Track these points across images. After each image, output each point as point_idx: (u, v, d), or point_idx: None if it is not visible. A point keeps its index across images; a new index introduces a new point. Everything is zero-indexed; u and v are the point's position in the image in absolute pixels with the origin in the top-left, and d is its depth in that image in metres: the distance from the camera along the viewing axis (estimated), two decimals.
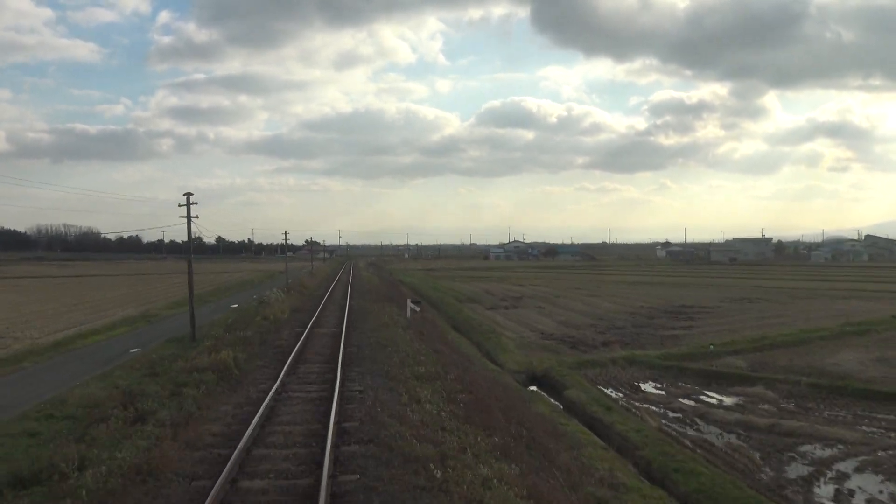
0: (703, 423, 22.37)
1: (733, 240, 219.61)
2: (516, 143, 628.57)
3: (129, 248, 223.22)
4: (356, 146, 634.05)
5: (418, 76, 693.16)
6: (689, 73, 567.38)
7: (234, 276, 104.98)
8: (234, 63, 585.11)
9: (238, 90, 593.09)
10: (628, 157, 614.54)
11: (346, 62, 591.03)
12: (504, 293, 73.23)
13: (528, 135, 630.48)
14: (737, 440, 20.56)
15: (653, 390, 27.93)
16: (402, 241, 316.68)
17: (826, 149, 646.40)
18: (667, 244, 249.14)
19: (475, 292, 74.18)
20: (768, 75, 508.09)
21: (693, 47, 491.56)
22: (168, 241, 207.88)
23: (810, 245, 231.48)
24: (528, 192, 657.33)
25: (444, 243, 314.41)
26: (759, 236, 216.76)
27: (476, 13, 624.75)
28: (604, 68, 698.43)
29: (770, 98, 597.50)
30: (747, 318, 49.30)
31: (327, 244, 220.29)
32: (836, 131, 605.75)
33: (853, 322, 44.54)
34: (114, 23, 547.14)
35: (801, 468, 18.13)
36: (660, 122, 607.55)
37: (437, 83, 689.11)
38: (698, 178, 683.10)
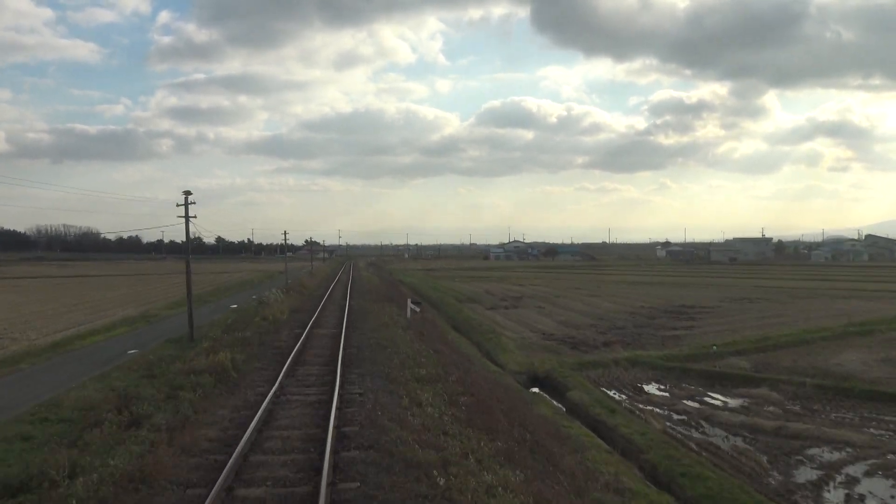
0: (708, 426, 22.02)
1: (733, 239, 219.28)
2: (516, 143, 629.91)
3: (129, 249, 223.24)
4: (356, 146, 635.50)
5: (418, 76, 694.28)
6: (688, 72, 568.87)
7: (233, 276, 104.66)
8: (234, 63, 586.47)
9: (238, 90, 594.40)
10: (628, 156, 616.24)
11: (345, 62, 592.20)
12: (504, 293, 72.92)
13: (528, 135, 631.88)
14: (743, 443, 20.20)
15: (656, 392, 27.59)
16: (401, 241, 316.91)
17: (826, 148, 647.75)
18: (667, 244, 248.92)
19: (475, 292, 73.87)
20: (768, 75, 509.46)
21: (693, 47, 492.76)
22: (168, 241, 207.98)
23: (810, 245, 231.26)
24: (528, 192, 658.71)
25: (444, 243, 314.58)
26: (758, 236, 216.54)
27: (476, 13, 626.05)
28: (604, 68, 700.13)
29: (770, 98, 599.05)
30: (748, 318, 48.98)
31: (327, 244, 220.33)
32: (836, 131, 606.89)
33: (856, 322, 44.19)
34: (114, 23, 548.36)
35: (810, 472, 17.77)
36: (659, 121, 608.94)
37: (437, 83, 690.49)
38: (698, 178, 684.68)
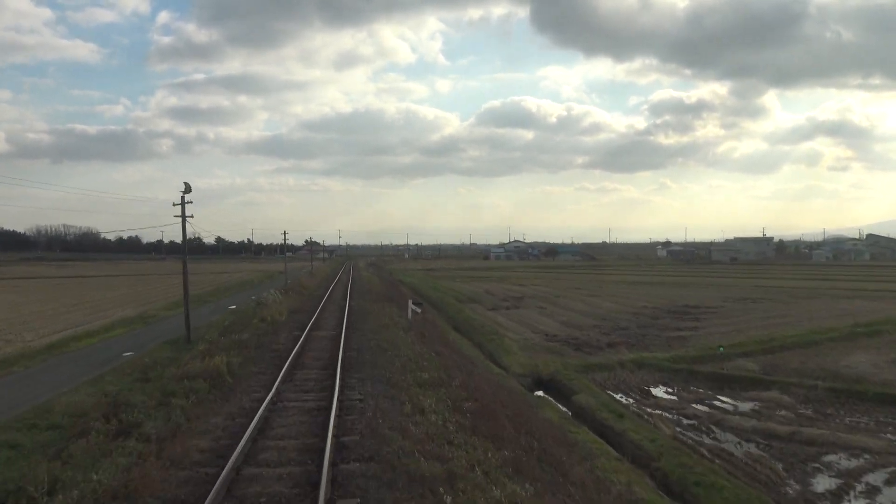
0: (719, 431, 21.33)
1: (734, 239, 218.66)
2: (516, 143, 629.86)
3: (129, 249, 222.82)
4: (356, 146, 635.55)
5: (418, 76, 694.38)
6: (688, 72, 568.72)
7: (233, 276, 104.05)
8: (234, 63, 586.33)
9: (238, 90, 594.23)
10: (628, 156, 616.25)
11: (345, 62, 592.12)
12: (505, 293, 72.30)
13: (528, 135, 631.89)
14: (756, 449, 19.49)
15: (664, 395, 26.90)
16: (402, 241, 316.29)
17: (826, 148, 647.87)
18: (667, 244, 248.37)
19: (476, 292, 73.25)
20: (768, 75, 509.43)
21: (693, 47, 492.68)
22: (168, 241, 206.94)
23: (811, 244, 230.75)
24: (528, 192, 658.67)
25: (444, 243, 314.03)
26: (759, 236, 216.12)
27: (476, 13, 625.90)
28: (603, 68, 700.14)
29: (770, 97, 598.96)
30: (752, 319, 48.37)
31: (327, 244, 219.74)
32: (836, 130, 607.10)
33: (862, 323, 43.66)
34: (113, 23, 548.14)
35: (829, 481, 17.09)
36: (659, 121, 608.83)
37: (437, 83, 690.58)
38: (698, 178, 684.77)
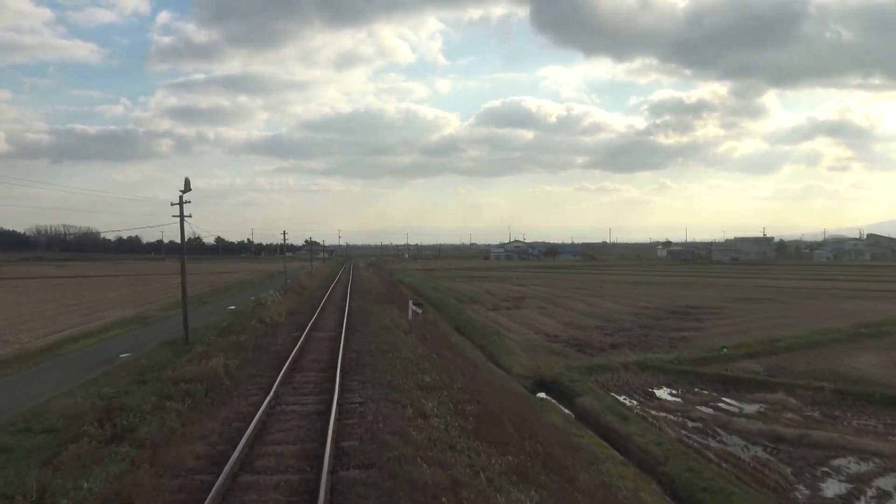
0: (725, 434, 20.96)
1: (734, 239, 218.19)
2: (516, 143, 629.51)
3: (129, 249, 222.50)
4: (356, 146, 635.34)
5: (418, 76, 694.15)
6: (688, 72, 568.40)
7: (233, 276, 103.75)
8: (234, 63, 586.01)
9: (238, 90, 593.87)
10: (628, 156, 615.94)
11: (345, 62, 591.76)
12: (506, 293, 71.97)
13: (528, 135, 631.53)
14: (764, 453, 19.13)
15: (668, 397, 26.51)
16: (402, 241, 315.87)
17: (826, 148, 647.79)
18: (667, 244, 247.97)
19: (476, 293, 72.90)
20: (768, 74, 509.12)
21: (693, 47, 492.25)
22: (167, 241, 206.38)
23: (811, 244, 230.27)
24: (528, 192, 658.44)
25: (444, 243, 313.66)
26: (759, 236, 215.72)
27: (476, 13, 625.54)
28: (603, 68, 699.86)
29: (770, 97, 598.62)
30: (755, 319, 48.03)
31: (327, 244, 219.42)
32: (836, 130, 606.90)
33: (865, 323, 43.34)
34: (113, 23, 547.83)
35: (838, 485, 16.72)
36: (659, 121, 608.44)
37: (437, 83, 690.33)
38: (698, 178, 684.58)
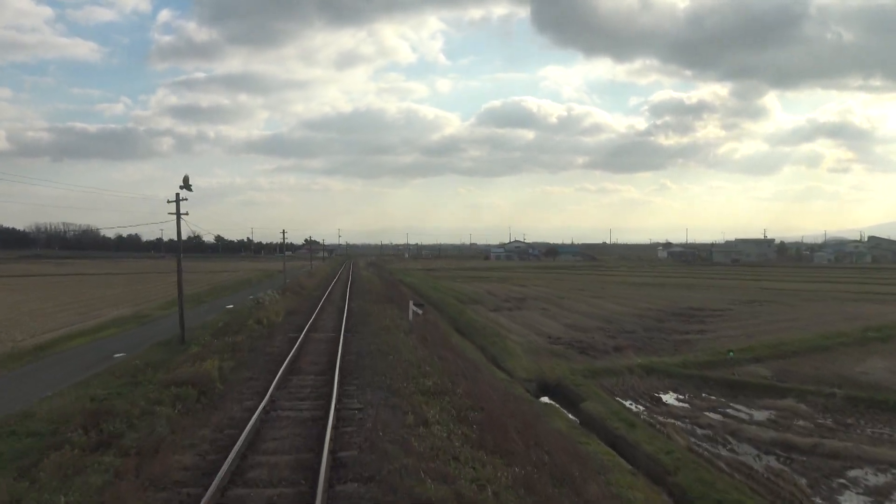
0: (736, 442, 20.29)
1: (735, 241, 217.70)
2: (516, 143, 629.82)
3: (128, 247, 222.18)
4: (356, 146, 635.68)
5: (419, 76, 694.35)
6: (689, 73, 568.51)
7: (232, 275, 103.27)
8: (235, 62, 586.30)
9: (238, 89, 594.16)
10: (628, 157, 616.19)
11: (346, 62, 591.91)
12: (507, 294, 71.28)
13: (529, 135, 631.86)
14: (777, 463, 18.45)
15: (675, 403, 25.82)
16: (402, 241, 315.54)
17: (826, 149, 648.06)
18: (668, 245, 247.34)
19: (477, 293, 72.19)
20: (769, 76, 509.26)
21: (693, 48, 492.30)
22: (167, 239, 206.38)
23: (812, 246, 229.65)
24: (529, 192, 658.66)
25: (444, 243, 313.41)
26: (759, 237, 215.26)
27: (477, 13, 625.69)
28: (604, 68, 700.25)
29: (770, 98, 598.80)
30: (759, 322, 47.32)
31: (327, 243, 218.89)
32: (837, 132, 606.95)
33: (873, 327, 42.70)
34: (114, 21, 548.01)
35: (856, 498, 16.07)
36: (660, 122, 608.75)
37: (438, 83, 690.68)
38: (698, 179, 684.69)
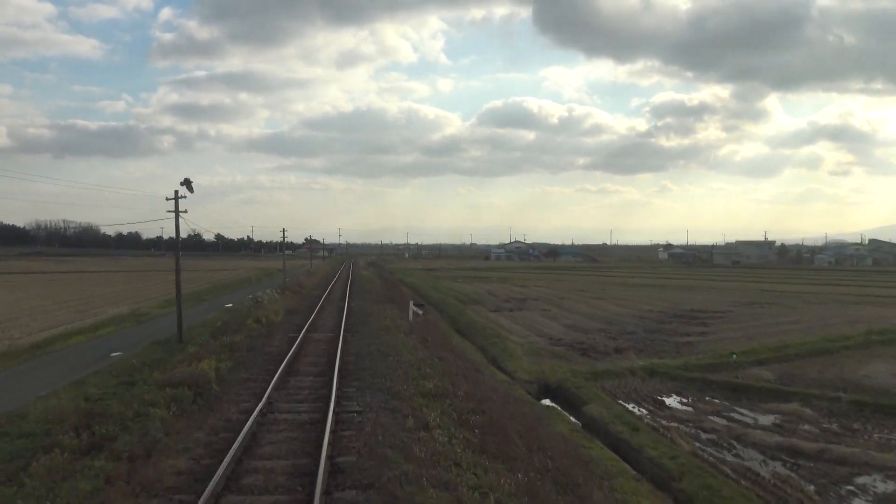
0: (741, 447, 19.93)
1: (736, 242, 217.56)
2: (517, 144, 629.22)
3: (128, 245, 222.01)
4: (357, 145, 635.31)
5: (420, 75, 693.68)
6: (690, 74, 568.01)
7: (232, 273, 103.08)
8: (236, 60, 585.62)
9: (239, 88, 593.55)
10: (629, 158, 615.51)
11: (347, 61, 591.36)
12: (507, 294, 70.96)
13: (530, 135, 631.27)
14: (784, 469, 18.09)
15: (678, 406, 25.46)
16: (402, 241, 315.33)
17: (827, 152, 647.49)
18: (668, 246, 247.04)
19: (477, 293, 71.87)
20: (770, 78, 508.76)
21: (695, 49, 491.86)
22: (167, 237, 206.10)
23: (813, 248, 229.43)
24: (529, 193, 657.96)
25: (445, 243, 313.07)
26: (760, 239, 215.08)
27: (478, 13, 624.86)
28: (605, 69, 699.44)
29: (771, 101, 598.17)
30: (761, 325, 47.01)
31: (327, 243, 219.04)
32: (838, 135, 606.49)
33: (876, 330, 42.40)
34: (115, 19, 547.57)
35: None
36: (661, 123, 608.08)
37: (439, 83, 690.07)
38: (699, 180, 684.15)
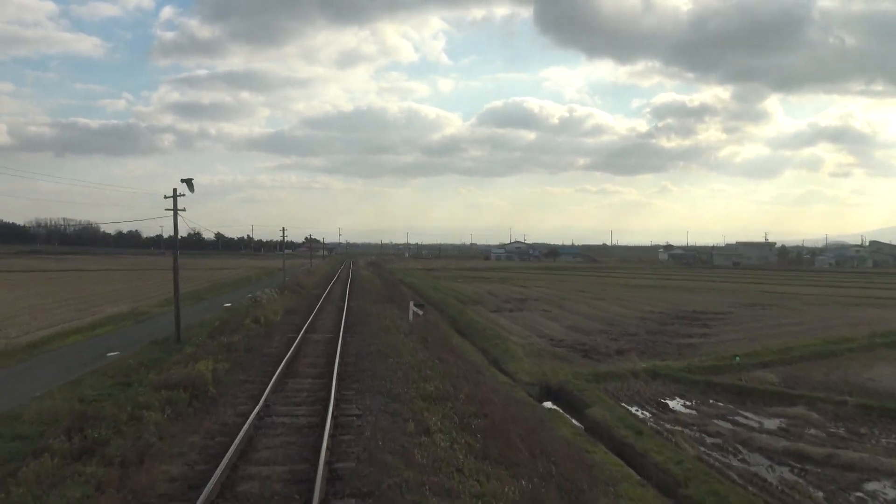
0: (747, 452, 19.57)
1: (736, 244, 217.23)
2: (518, 144, 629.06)
3: (128, 243, 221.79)
4: (358, 144, 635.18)
5: (420, 75, 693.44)
6: (691, 75, 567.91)
7: (232, 272, 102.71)
8: (237, 59, 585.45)
9: (240, 86, 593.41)
10: (630, 158, 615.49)
11: (348, 60, 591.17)
12: (507, 295, 70.63)
13: (530, 135, 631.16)
14: (791, 474, 17.75)
15: (682, 409, 25.10)
16: (402, 240, 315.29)
17: (828, 154, 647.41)
18: (668, 247, 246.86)
19: (478, 293, 71.54)
20: (771, 79, 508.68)
21: (695, 50, 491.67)
22: (167, 235, 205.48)
23: (813, 250, 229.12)
24: (529, 193, 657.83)
25: (445, 243, 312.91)
26: (760, 240, 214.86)
27: (479, 13, 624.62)
28: (606, 70, 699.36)
29: (772, 102, 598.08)
30: (764, 326, 46.66)
31: (327, 242, 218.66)
32: (838, 136, 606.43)
33: (879, 332, 42.10)
34: (117, 17, 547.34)
35: None
36: (661, 124, 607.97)
37: (439, 82, 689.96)
38: (699, 181, 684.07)
